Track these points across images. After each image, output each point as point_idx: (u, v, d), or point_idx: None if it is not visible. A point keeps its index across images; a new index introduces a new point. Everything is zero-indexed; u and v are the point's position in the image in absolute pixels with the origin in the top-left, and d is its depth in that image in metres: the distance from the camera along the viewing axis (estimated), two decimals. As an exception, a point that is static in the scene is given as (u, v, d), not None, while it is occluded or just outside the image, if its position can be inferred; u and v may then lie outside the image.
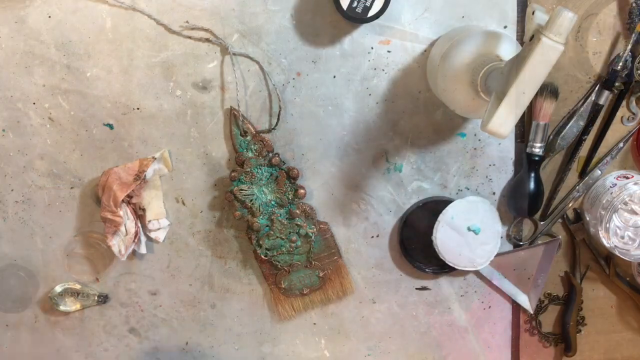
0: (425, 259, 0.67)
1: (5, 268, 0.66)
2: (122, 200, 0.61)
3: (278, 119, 0.62)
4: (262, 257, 0.65)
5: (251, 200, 0.63)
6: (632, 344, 0.73)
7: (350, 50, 0.61)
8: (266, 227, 0.64)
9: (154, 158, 0.62)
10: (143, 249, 0.65)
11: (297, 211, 0.63)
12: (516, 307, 0.70)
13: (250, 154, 0.62)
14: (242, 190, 0.62)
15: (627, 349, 0.72)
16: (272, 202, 0.63)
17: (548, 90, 0.59)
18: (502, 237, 0.67)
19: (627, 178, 0.64)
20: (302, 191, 0.63)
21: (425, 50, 0.62)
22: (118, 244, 0.63)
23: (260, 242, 0.64)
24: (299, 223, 0.64)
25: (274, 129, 0.63)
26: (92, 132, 0.62)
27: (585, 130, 0.65)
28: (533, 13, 0.46)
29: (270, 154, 0.62)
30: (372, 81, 0.62)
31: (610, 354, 0.73)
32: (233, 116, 0.62)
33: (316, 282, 0.67)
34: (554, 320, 0.71)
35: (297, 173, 0.63)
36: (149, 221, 0.64)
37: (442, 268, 0.67)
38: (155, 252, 0.67)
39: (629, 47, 0.61)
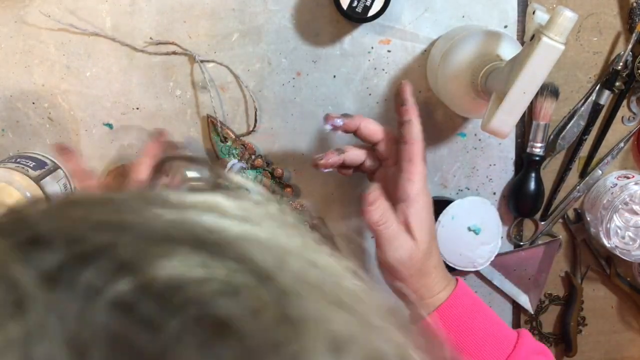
0: (426, 259, 0.67)
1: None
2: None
3: (255, 121, 0.62)
4: None
5: None
6: (633, 344, 0.72)
7: (350, 50, 0.61)
8: None
9: None
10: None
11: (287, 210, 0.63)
12: (516, 308, 0.70)
13: (232, 160, 0.62)
14: None
15: (627, 349, 0.72)
16: None
17: (548, 90, 0.59)
18: (502, 237, 0.66)
19: (628, 178, 0.64)
20: (288, 189, 0.63)
21: (425, 50, 0.62)
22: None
23: None
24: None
25: (253, 131, 0.62)
26: (92, 132, 0.62)
27: (585, 130, 0.65)
28: (533, 13, 0.46)
29: (253, 157, 0.62)
30: (372, 81, 0.62)
31: (610, 355, 0.72)
32: (211, 123, 0.61)
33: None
34: (554, 321, 0.71)
35: (280, 172, 0.63)
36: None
37: (443, 268, 0.67)
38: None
39: (630, 46, 0.61)
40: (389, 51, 0.62)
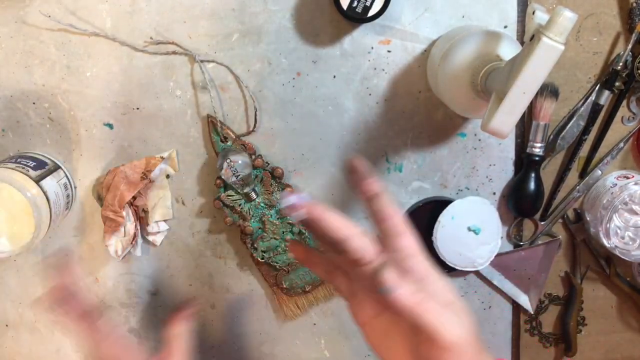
0: (426, 259, 0.67)
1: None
2: (127, 201, 0.61)
3: (255, 121, 0.62)
4: (259, 259, 0.64)
5: (240, 205, 0.63)
6: (633, 344, 0.72)
7: (350, 50, 0.61)
8: (259, 230, 0.64)
9: (162, 158, 0.62)
10: (138, 252, 0.65)
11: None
12: (516, 308, 0.70)
13: None
14: (229, 196, 0.62)
15: (627, 349, 0.72)
16: (262, 204, 0.63)
17: (548, 90, 0.59)
18: (502, 237, 0.66)
19: (628, 178, 0.64)
20: (288, 189, 0.63)
21: (425, 50, 0.62)
22: (115, 244, 0.63)
23: (255, 245, 0.64)
24: (290, 221, 0.63)
25: (253, 131, 0.62)
26: (92, 132, 0.62)
27: (585, 130, 0.65)
28: (533, 13, 0.46)
29: (253, 156, 0.62)
30: (372, 81, 0.62)
31: (610, 354, 0.73)
32: (211, 123, 0.62)
33: (317, 278, 0.67)
34: (554, 321, 0.71)
35: (280, 172, 0.63)
36: (149, 224, 0.64)
37: (442, 268, 0.67)
38: (155, 253, 0.67)
39: (629, 46, 0.61)
40: (389, 51, 0.62)
